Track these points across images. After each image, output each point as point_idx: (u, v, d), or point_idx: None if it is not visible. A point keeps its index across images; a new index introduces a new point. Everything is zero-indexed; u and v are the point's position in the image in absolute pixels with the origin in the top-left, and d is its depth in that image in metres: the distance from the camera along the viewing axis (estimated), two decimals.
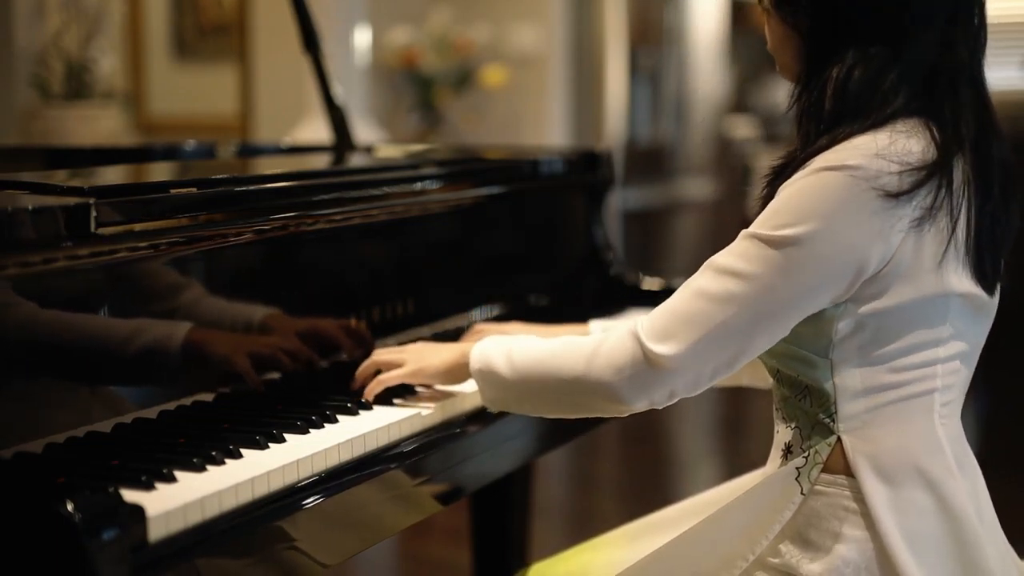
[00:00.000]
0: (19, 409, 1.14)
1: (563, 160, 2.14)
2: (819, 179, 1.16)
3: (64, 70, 4.30)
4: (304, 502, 1.21)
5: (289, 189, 1.52)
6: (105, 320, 1.25)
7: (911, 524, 1.19)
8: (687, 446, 4.30)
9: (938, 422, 1.23)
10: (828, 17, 1.23)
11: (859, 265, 1.17)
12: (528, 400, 1.33)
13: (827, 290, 1.18)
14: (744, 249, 1.19)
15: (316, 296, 1.54)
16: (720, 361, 1.20)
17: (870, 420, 1.22)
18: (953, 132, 1.21)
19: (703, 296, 1.19)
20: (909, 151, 1.17)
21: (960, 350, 1.26)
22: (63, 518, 0.97)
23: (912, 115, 1.21)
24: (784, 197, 1.18)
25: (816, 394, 1.25)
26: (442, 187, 1.81)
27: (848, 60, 1.21)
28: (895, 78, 1.20)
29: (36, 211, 1.13)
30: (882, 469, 1.21)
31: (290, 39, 2.46)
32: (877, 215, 1.16)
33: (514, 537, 2.18)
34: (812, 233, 1.16)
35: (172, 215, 1.31)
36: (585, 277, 2.16)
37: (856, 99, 1.20)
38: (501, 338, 1.38)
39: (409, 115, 5.57)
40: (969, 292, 1.23)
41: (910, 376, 1.22)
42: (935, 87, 1.23)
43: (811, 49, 1.26)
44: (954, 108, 1.23)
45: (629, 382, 1.22)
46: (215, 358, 1.38)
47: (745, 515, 1.26)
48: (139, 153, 2.47)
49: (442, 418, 1.43)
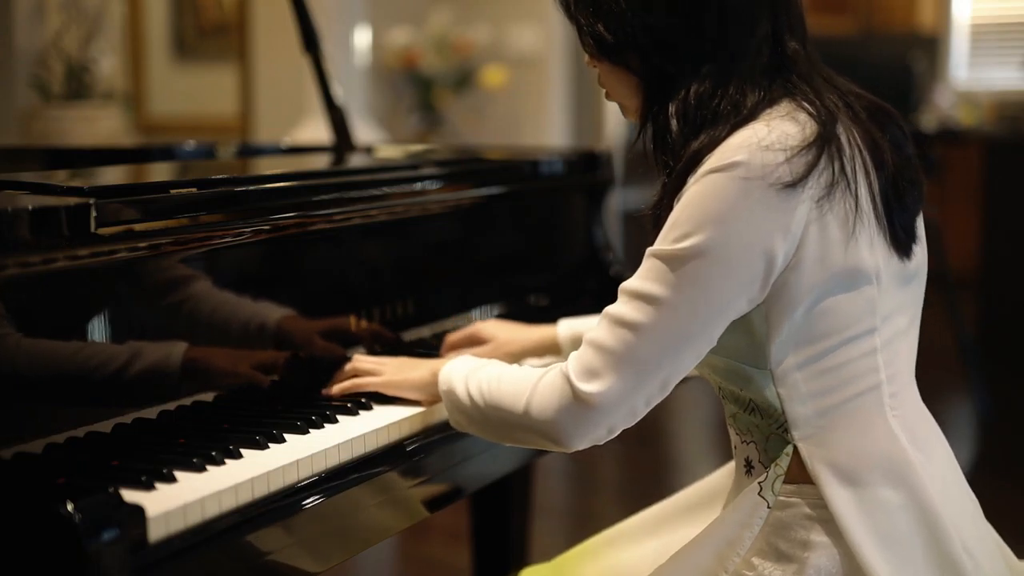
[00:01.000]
0: (19, 409, 1.14)
1: (563, 160, 2.14)
2: (708, 183, 1.15)
3: (64, 70, 4.30)
4: (304, 502, 1.21)
5: (289, 189, 1.52)
6: (106, 322, 1.25)
7: (876, 523, 1.19)
8: (687, 446, 4.30)
9: (890, 415, 1.22)
10: (655, 52, 1.24)
11: (767, 261, 1.15)
12: (483, 429, 1.32)
13: (741, 293, 1.16)
14: (650, 270, 1.18)
15: (316, 296, 1.54)
16: (652, 389, 1.19)
17: (823, 425, 1.21)
18: (821, 103, 1.21)
19: (621, 325, 1.18)
20: (788, 134, 1.16)
21: (896, 329, 1.24)
22: (63, 518, 0.98)
23: (776, 102, 1.21)
24: (679, 209, 1.17)
25: (763, 408, 1.24)
26: (442, 187, 1.81)
27: (684, 85, 1.22)
28: (737, 85, 1.21)
29: (36, 211, 1.13)
30: (841, 472, 1.20)
31: (290, 39, 2.46)
32: (774, 208, 1.14)
33: (514, 537, 2.18)
34: (712, 239, 1.14)
35: (172, 215, 1.31)
36: (585, 277, 2.16)
37: (701, 116, 1.21)
38: (466, 361, 1.37)
39: (409, 116, 5.57)
40: (886, 265, 1.21)
41: (852, 372, 1.21)
42: (784, 75, 1.23)
43: (647, 84, 1.26)
44: (810, 84, 1.23)
45: (565, 424, 1.20)
46: (220, 365, 1.38)
47: (716, 535, 1.25)
48: (139, 153, 2.47)
49: (442, 418, 1.43)
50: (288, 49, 3.08)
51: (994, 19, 7.16)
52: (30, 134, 4.22)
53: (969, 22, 7.19)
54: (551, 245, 2.14)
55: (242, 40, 5.69)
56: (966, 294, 5.08)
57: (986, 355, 4.66)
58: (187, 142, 2.42)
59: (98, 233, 1.19)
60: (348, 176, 1.71)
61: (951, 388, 4.57)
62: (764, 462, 1.26)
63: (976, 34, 7.18)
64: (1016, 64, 6.73)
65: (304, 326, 1.51)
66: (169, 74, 6.06)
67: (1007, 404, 4.33)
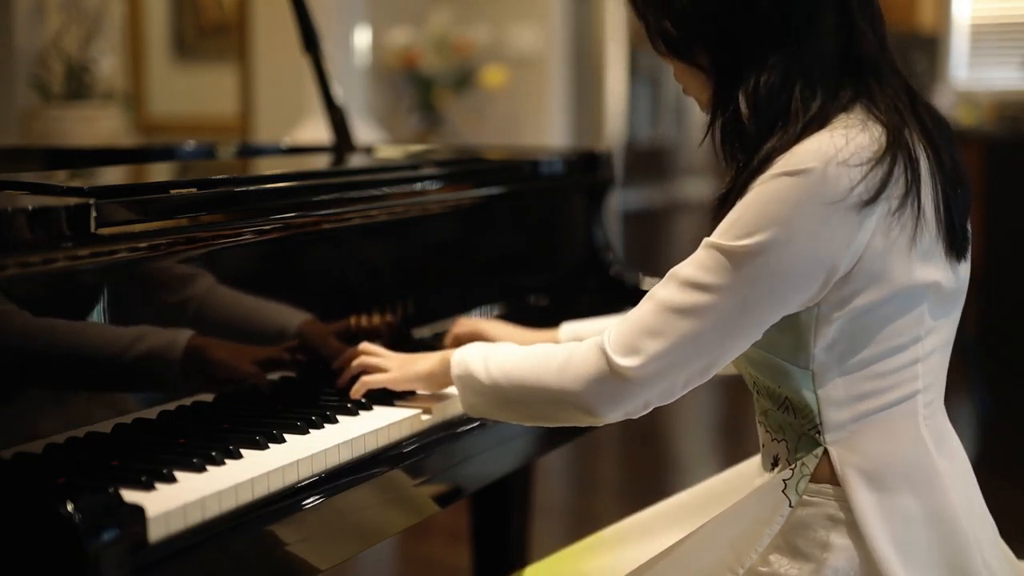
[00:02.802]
0: (19, 409, 1.14)
1: (563, 161, 2.14)
2: (778, 186, 1.14)
3: (64, 70, 4.30)
4: (304, 502, 1.21)
5: (289, 189, 1.52)
6: (106, 322, 1.25)
7: (899, 530, 1.18)
8: (687, 446, 4.30)
9: (922, 423, 1.22)
10: (720, 44, 1.24)
11: (828, 269, 1.15)
12: (506, 408, 1.32)
13: (795, 295, 1.16)
14: (706, 260, 1.17)
15: (316, 296, 1.54)
16: (692, 371, 1.19)
17: (856, 430, 1.21)
18: (893, 107, 1.20)
19: (668, 309, 1.18)
20: (862, 146, 1.15)
21: (937, 343, 1.24)
22: (63, 518, 0.98)
23: (850, 106, 1.20)
24: (743, 205, 1.16)
25: (798, 407, 1.24)
26: (442, 187, 1.81)
27: (752, 77, 1.21)
28: (806, 79, 1.20)
29: (36, 211, 1.13)
30: (869, 477, 1.20)
31: (290, 39, 2.46)
32: (844, 223, 1.14)
33: (514, 537, 2.18)
34: (775, 242, 1.14)
35: (172, 215, 1.31)
36: (585, 277, 2.16)
37: (773, 110, 1.20)
38: (481, 345, 1.37)
39: (409, 116, 5.57)
40: (940, 280, 1.21)
41: (893, 380, 1.21)
42: (856, 73, 1.22)
43: (716, 78, 1.26)
44: (882, 86, 1.22)
45: (599, 395, 1.21)
46: (217, 364, 1.38)
47: (733, 528, 1.25)
48: (139, 153, 2.47)
49: (442, 418, 1.43)
50: (288, 49, 3.08)
51: (994, 19, 7.16)
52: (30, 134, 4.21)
53: (969, 22, 7.19)
54: (551, 245, 2.14)
55: (242, 40, 5.68)
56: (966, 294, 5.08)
57: (986, 355, 4.66)
58: (187, 142, 2.42)
59: (98, 233, 1.19)
60: (348, 176, 1.71)
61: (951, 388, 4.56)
62: (791, 461, 1.26)
63: (976, 34, 7.17)
64: (1016, 64, 6.73)
65: (304, 327, 1.51)
66: (169, 74, 6.06)
67: (1007, 404, 4.32)
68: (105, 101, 4.41)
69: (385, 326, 1.65)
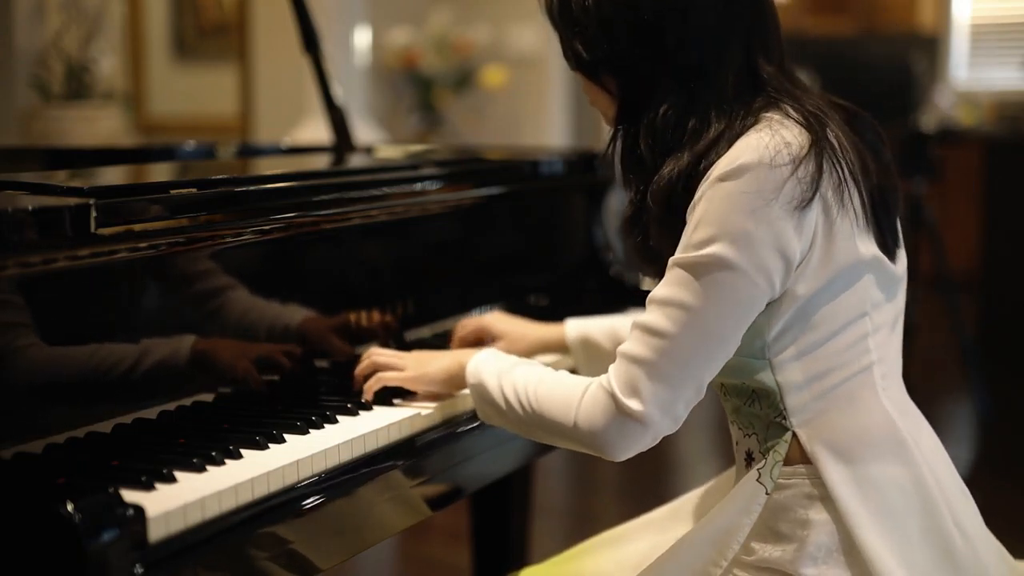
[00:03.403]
0: (19, 409, 1.14)
1: (563, 161, 2.14)
2: (720, 192, 1.18)
3: (64, 70, 4.30)
4: (304, 502, 1.21)
5: (289, 190, 1.52)
6: (106, 322, 1.25)
7: (872, 498, 1.21)
8: (687, 446, 4.30)
9: (882, 394, 1.26)
10: (621, 72, 1.29)
11: (785, 262, 1.19)
12: (516, 427, 1.34)
13: (762, 293, 1.20)
14: (675, 278, 1.21)
15: (316, 296, 1.54)
16: (689, 393, 1.21)
17: (820, 409, 1.24)
18: (807, 110, 1.24)
19: (653, 335, 1.21)
20: (787, 142, 1.19)
21: (885, 319, 1.28)
22: (63, 518, 0.98)
23: (766, 109, 1.24)
24: (695, 217, 1.20)
25: (763, 395, 1.27)
26: (442, 188, 1.81)
27: (653, 109, 1.26)
28: (708, 110, 1.24)
29: (36, 211, 1.13)
30: (838, 451, 1.23)
31: (290, 39, 2.46)
32: (788, 215, 1.18)
33: (514, 537, 2.18)
34: (731, 246, 1.17)
35: (172, 215, 1.31)
36: (585, 277, 2.16)
37: (666, 141, 1.25)
38: (497, 358, 1.38)
39: (409, 116, 5.58)
40: (877, 257, 1.25)
41: (847, 356, 1.24)
42: (763, 87, 1.26)
43: (621, 104, 1.31)
44: (792, 96, 1.27)
45: (613, 438, 1.23)
46: (217, 365, 1.38)
47: (714, 526, 1.27)
48: (139, 153, 2.47)
49: (442, 418, 1.43)
50: (288, 49, 3.08)
51: (994, 19, 7.16)
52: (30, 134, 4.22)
53: (969, 22, 7.19)
54: (551, 245, 2.14)
55: (242, 40, 5.69)
56: (966, 294, 5.08)
57: (986, 355, 4.66)
58: (187, 142, 2.42)
59: (98, 233, 1.19)
60: (348, 176, 1.71)
61: (951, 388, 4.57)
62: (763, 452, 1.28)
63: (976, 34, 7.18)
64: (1016, 64, 6.73)
65: (304, 326, 1.51)
66: (169, 74, 6.07)
67: (1007, 404, 4.32)
68: (105, 101, 4.41)
69: (385, 326, 1.65)
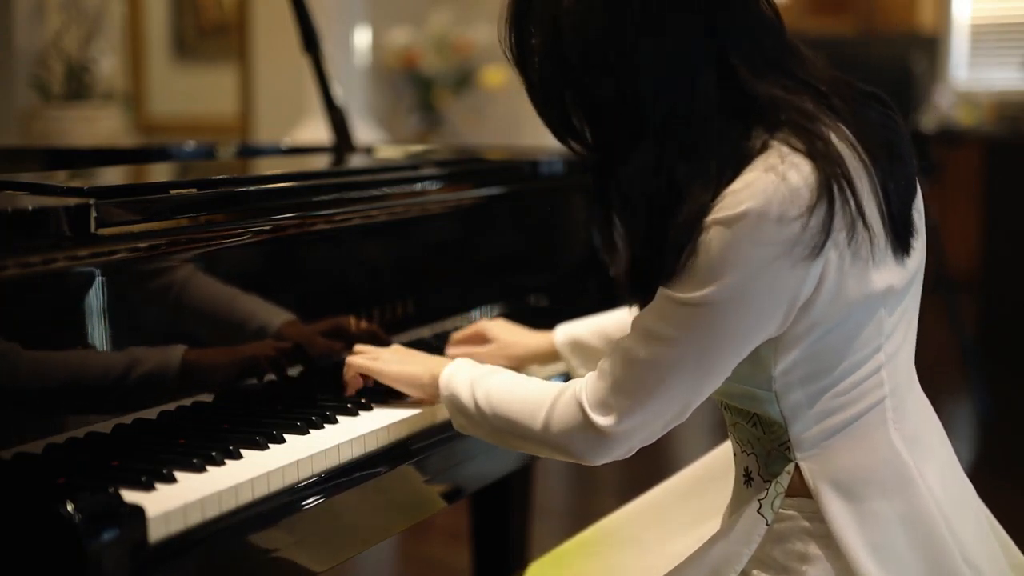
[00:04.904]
0: (19, 409, 1.14)
1: (563, 161, 2.14)
2: (721, 235, 1.09)
3: (64, 70, 4.31)
4: (304, 503, 1.21)
5: (289, 190, 1.52)
6: (106, 322, 1.25)
7: (875, 536, 1.17)
8: (687, 446, 4.30)
9: (892, 428, 1.19)
10: (598, 133, 1.21)
11: (788, 304, 1.12)
12: (490, 436, 1.31)
13: (759, 333, 1.14)
14: (663, 309, 1.14)
15: (316, 296, 1.54)
16: (670, 415, 1.18)
17: (827, 445, 1.19)
18: (813, 132, 1.13)
19: (635, 363, 1.16)
20: (796, 189, 1.08)
21: (899, 342, 1.21)
22: (63, 518, 0.98)
23: (766, 145, 1.12)
24: (693, 257, 1.12)
25: (766, 423, 1.22)
26: (442, 188, 1.81)
27: (638, 160, 1.16)
28: (695, 151, 1.13)
29: (36, 211, 1.13)
30: (842, 487, 1.18)
31: (290, 39, 2.46)
32: (793, 265, 1.10)
33: (514, 537, 2.18)
34: (729, 290, 1.10)
35: (172, 216, 1.31)
36: (585, 277, 2.16)
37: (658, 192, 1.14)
38: (469, 367, 1.35)
39: (409, 116, 5.58)
40: (893, 283, 1.17)
41: (858, 392, 1.18)
42: (757, 115, 1.15)
43: (595, 162, 1.23)
44: (792, 105, 1.15)
45: (583, 448, 1.21)
46: (217, 365, 1.38)
47: (714, 556, 1.24)
48: (139, 154, 2.47)
49: (442, 418, 1.43)
50: (288, 49, 3.08)
51: (994, 19, 7.16)
52: (30, 134, 4.22)
53: (969, 22, 7.19)
54: (551, 245, 2.14)
55: (242, 40, 5.69)
56: (966, 294, 5.08)
57: (986, 355, 4.66)
58: (187, 142, 2.42)
59: (98, 233, 1.19)
60: (348, 176, 1.71)
61: (951, 388, 4.57)
62: (764, 476, 1.25)
63: (976, 34, 7.17)
64: (1016, 64, 6.73)
65: (304, 326, 1.51)
66: (169, 74, 6.07)
67: (1007, 404, 4.32)
68: (105, 101, 4.42)
69: (385, 326, 1.65)
